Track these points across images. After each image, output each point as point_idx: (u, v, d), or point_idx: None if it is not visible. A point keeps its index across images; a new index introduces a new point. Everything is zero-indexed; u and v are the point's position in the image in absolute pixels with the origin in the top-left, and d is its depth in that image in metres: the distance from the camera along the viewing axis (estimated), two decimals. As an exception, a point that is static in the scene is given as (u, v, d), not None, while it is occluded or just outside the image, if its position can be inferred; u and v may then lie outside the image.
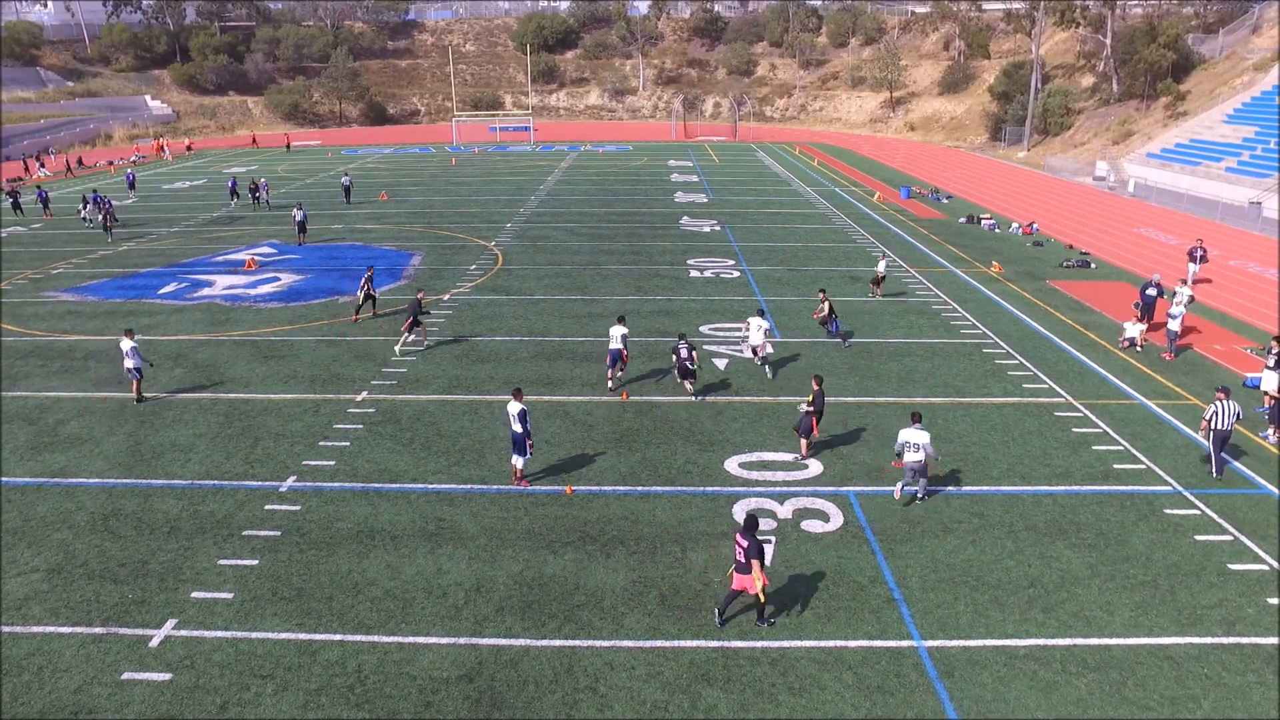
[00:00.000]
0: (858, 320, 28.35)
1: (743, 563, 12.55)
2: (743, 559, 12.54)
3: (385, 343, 26.14)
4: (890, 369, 23.84)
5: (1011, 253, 39.05)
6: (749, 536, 12.51)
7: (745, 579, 12.61)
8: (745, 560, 12.50)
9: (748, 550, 12.46)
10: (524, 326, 27.71)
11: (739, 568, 12.64)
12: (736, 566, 12.69)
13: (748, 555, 12.47)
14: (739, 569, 12.65)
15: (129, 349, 21.64)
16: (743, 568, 12.57)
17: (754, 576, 12.48)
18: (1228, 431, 17.42)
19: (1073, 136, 78.21)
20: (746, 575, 12.56)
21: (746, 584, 12.63)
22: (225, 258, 38.36)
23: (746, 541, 12.47)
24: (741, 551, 12.54)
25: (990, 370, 23.81)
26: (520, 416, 16.65)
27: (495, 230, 43.64)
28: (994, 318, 28.76)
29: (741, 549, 12.54)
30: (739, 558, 12.59)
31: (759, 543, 12.52)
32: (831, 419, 20.38)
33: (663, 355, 24.87)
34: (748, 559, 12.48)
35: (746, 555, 12.48)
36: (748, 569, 12.51)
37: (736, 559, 12.66)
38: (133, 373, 21.83)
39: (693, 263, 36.29)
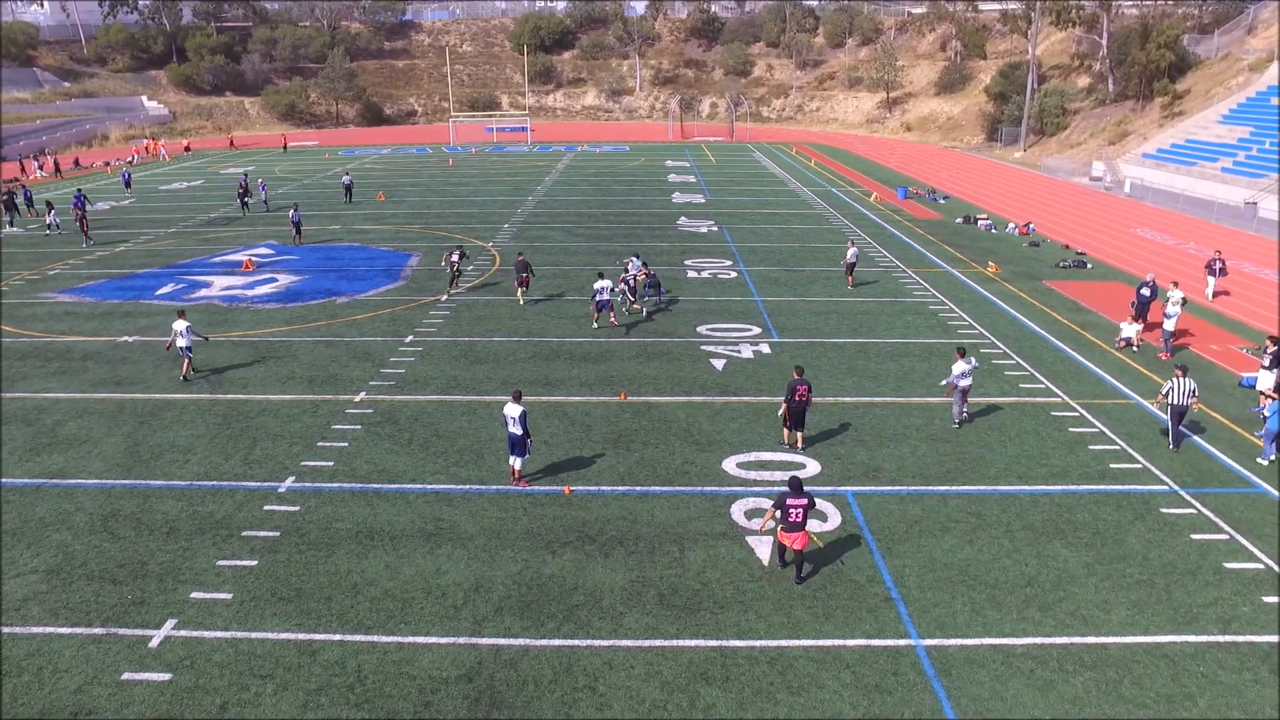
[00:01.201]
0: (855, 320, 28.43)
1: (798, 522, 13.76)
2: (799, 519, 13.76)
3: (384, 344, 26.18)
4: (888, 369, 23.90)
5: (1008, 253, 39.14)
6: (804, 495, 13.84)
7: (796, 536, 13.83)
8: (802, 520, 13.78)
9: (806, 509, 13.80)
10: (521, 327, 27.75)
11: (790, 527, 13.81)
12: (787, 526, 13.83)
13: (805, 514, 13.79)
14: (789, 528, 13.82)
15: (182, 329, 22.83)
16: (795, 526, 13.78)
17: (807, 532, 13.93)
18: (1183, 406, 18.68)
19: (1069, 137, 78.39)
20: (798, 533, 13.81)
21: (797, 540, 13.84)
22: (223, 258, 38.36)
23: (803, 500, 13.78)
24: (799, 512, 13.75)
25: (987, 370, 23.87)
26: (520, 419, 16.74)
27: (493, 230, 43.67)
28: (991, 318, 28.84)
29: (799, 509, 13.74)
30: (795, 519, 13.75)
31: (812, 498, 14.01)
32: (829, 419, 20.46)
33: (659, 355, 24.92)
34: (805, 518, 13.80)
35: (804, 514, 13.78)
36: (801, 526, 13.79)
37: (790, 520, 13.76)
38: (184, 352, 23.07)
39: (690, 263, 36.35)
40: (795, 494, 13.78)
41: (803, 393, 18.25)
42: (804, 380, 18.44)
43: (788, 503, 13.74)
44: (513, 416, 16.82)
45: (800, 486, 13.93)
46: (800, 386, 18.27)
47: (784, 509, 13.78)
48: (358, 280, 34.03)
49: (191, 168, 74.45)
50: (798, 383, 18.28)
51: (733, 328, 27.50)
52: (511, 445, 17.19)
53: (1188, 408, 18.80)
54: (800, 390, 18.24)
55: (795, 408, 18.44)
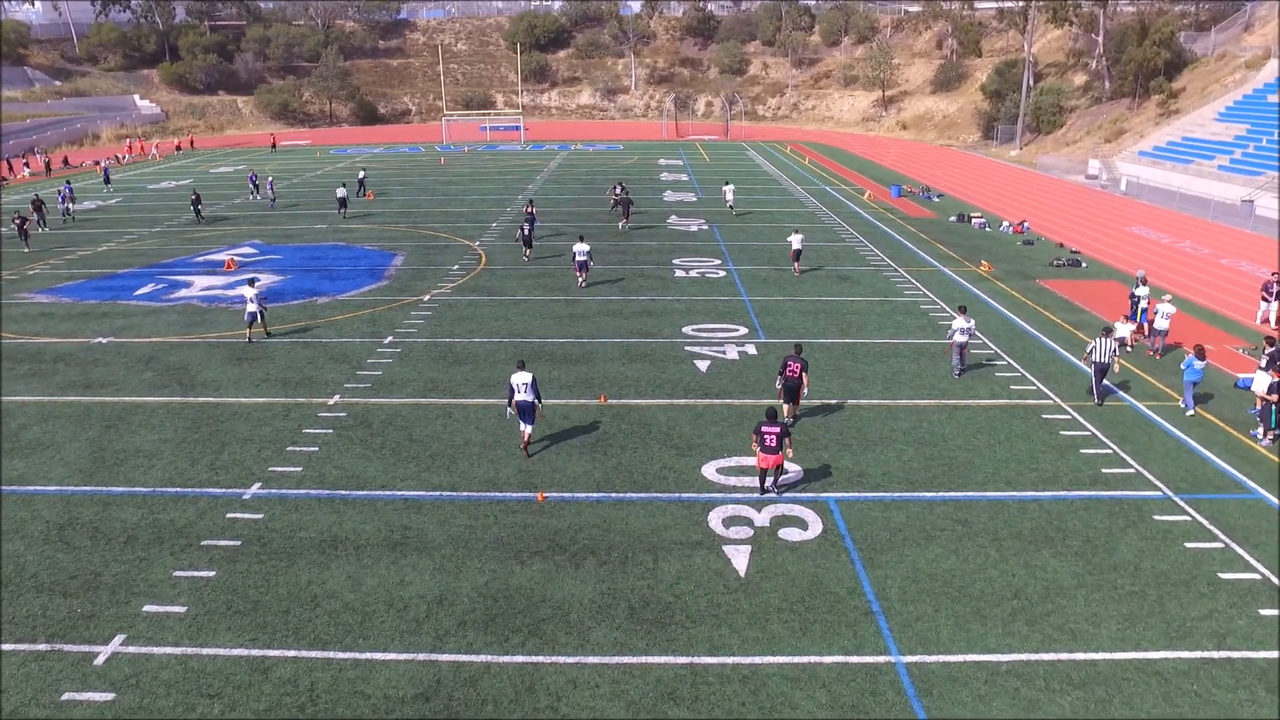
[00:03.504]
0: (844, 320, 27.88)
1: (772, 446, 15.70)
2: (773, 443, 15.69)
3: (362, 345, 25.61)
4: (876, 371, 23.35)
5: (1001, 251, 38.62)
6: (776, 423, 15.76)
7: (773, 458, 15.87)
8: (776, 444, 15.69)
9: (779, 435, 15.70)
10: (504, 327, 27.19)
11: (766, 450, 15.78)
12: (764, 449, 15.79)
13: (779, 439, 15.69)
14: (767, 450, 15.79)
15: (252, 295, 25.43)
16: (770, 450, 15.75)
17: (785, 453, 15.94)
18: (1106, 364, 20.71)
19: (1065, 135, 77.90)
20: (774, 455, 15.82)
21: (773, 461, 15.94)
22: (206, 258, 37.79)
23: (777, 428, 15.70)
24: (774, 437, 15.67)
25: (979, 372, 23.33)
26: (531, 385, 17.62)
27: (480, 230, 43.11)
28: (983, 317, 28.29)
29: (773, 435, 15.66)
30: (769, 443, 15.70)
31: (786, 426, 16.08)
32: (814, 422, 19.92)
33: (641, 357, 24.37)
34: (779, 442, 15.70)
35: (778, 439, 15.68)
36: (776, 450, 15.76)
37: (766, 445, 15.72)
38: (251, 316, 25.53)
39: (678, 262, 35.80)
40: (769, 422, 15.79)
41: (794, 369, 18.90)
42: (799, 358, 19.08)
43: (763, 429, 15.74)
44: (524, 383, 17.57)
45: (775, 416, 16.02)
46: (792, 363, 18.95)
47: (760, 435, 15.75)
48: (340, 280, 33.46)
49: (181, 167, 73.86)
50: (791, 359, 19.03)
51: (719, 328, 26.96)
52: (521, 412, 17.83)
53: (1109, 365, 20.71)
54: (791, 367, 18.93)
55: (788, 384, 19.04)
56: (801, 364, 19.04)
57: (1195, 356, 20.33)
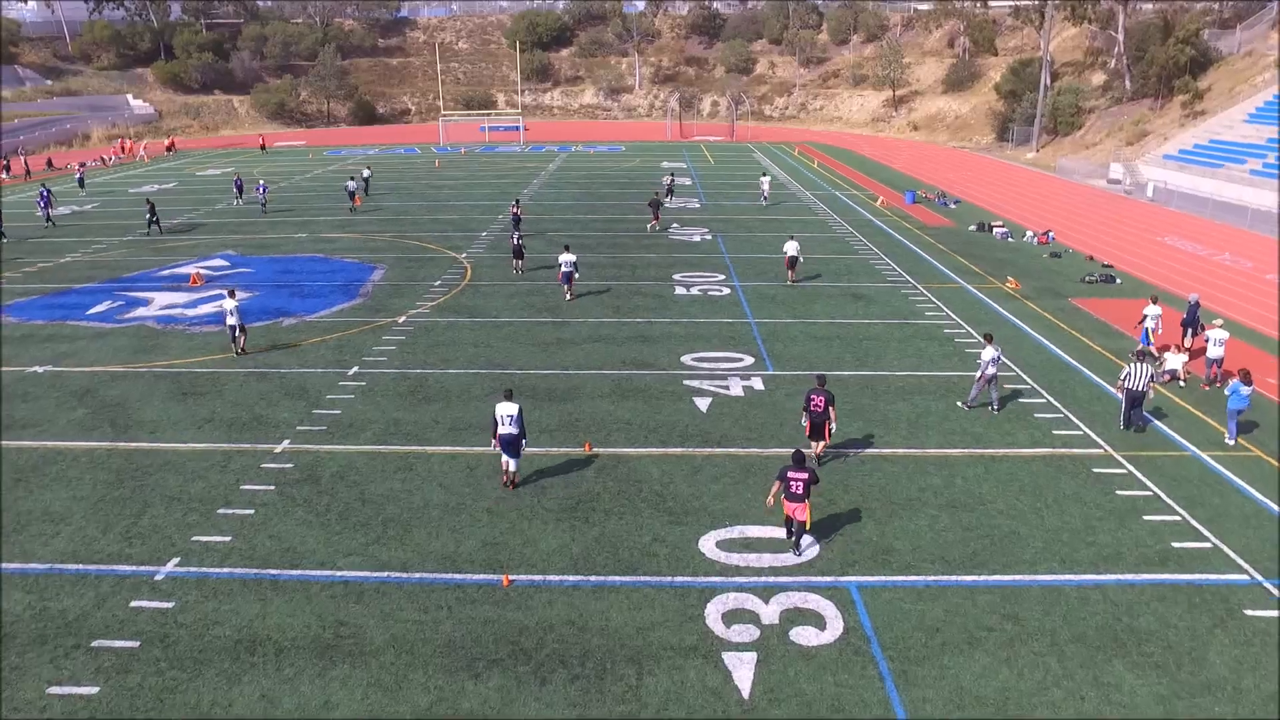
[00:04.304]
0: (861, 348, 25.16)
1: (799, 494, 14.05)
2: (799, 490, 14.04)
3: (323, 377, 22.97)
4: (899, 411, 20.63)
5: (1028, 265, 35.85)
6: (804, 469, 14.08)
7: (797, 506, 14.16)
8: (803, 492, 14.04)
9: (807, 482, 14.04)
10: (483, 356, 24.52)
11: (792, 497, 14.13)
12: (789, 496, 14.14)
13: (806, 486, 14.05)
14: (792, 498, 14.13)
15: (232, 308, 24.08)
16: (796, 497, 14.09)
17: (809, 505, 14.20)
18: (1141, 392, 19.17)
19: (1083, 137, 75.00)
20: (801, 503, 14.11)
21: (801, 511, 14.20)
22: (172, 271, 35.21)
23: (805, 474, 14.04)
24: (801, 485, 14.03)
25: (1015, 411, 20.61)
26: (517, 417, 16.24)
27: (468, 240, 40.47)
28: (1014, 344, 25.57)
29: (800, 482, 14.03)
30: (795, 490, 14.04)
31: (815, 472, 14.24)
32: (831, 478, 17.22)
33: (634, 393, 21.69)
34: (806, 490, 14.05)
35: (805, 487, 14.04)
36: (803, 498, 14.07)
37: (791, 492, 14.08)
38: (233, 330, 24.17)
39: (679, 278, 33.12)
40: (796, 468, 14.12)
41: (817, 403, 17.27)
42: (823, 390, 17.45)
43: (789, 475, 14.10)
44: (508, 415, 16.21)
45: (803, 460, 14.25)
46: (816, 397, 17.33)
47: (786, 481, 14.11)
48: (311, 298, 30.85)
49: (168, 169, 71.36)
50: (815, 392, 17.41)
51: (722, 357, 24.26)
52: (505, 446, 16.43)
53: (1145, 393, 19.18)
54: (815, 401, 17.29)
55: (813, 419, 17.41)
56: (826, 396, 17.27)
57: (1241, 382, 18.51)
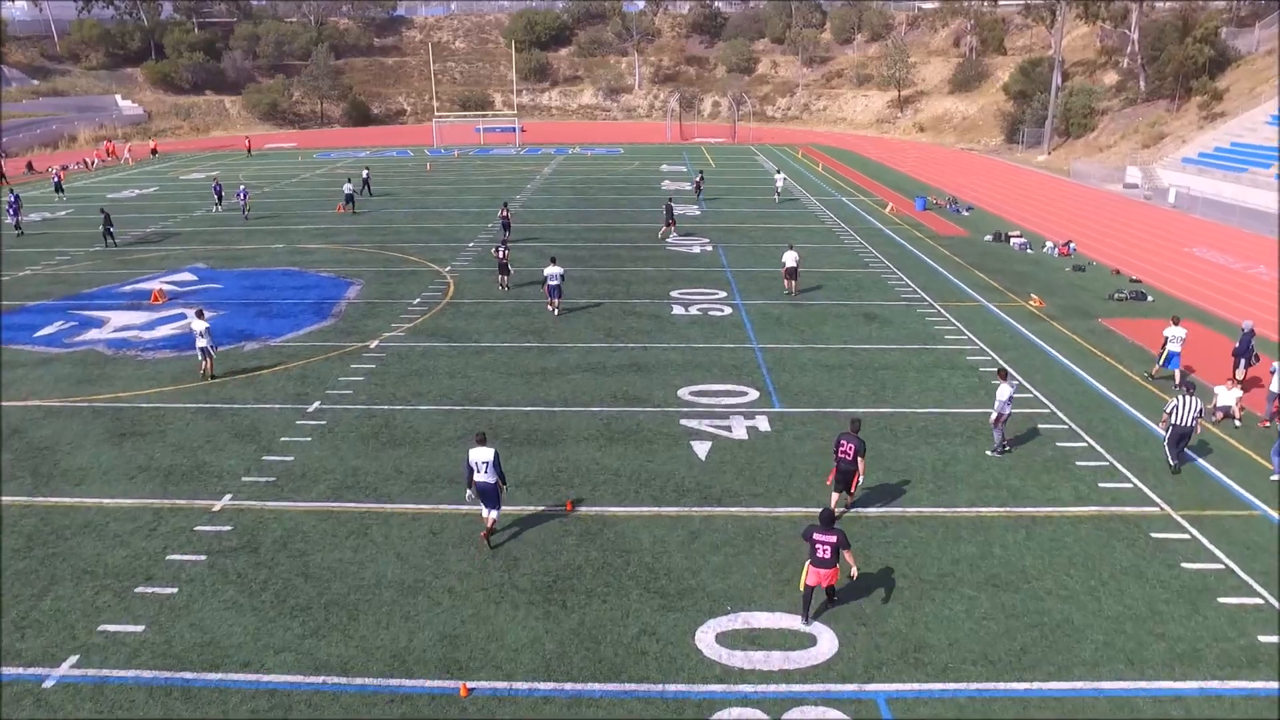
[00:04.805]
0: (877, 379, 22.80)
1: (826, 559, 12.44)
2: (828, 555, 12.43)
3: (280, 414, 20.64)
4: (923, 459, 18.27)
5: (1050, 280, 33.50)
6: (833, 530, 12.55)
7: (826, 573, 12.54)
8: (831, 556, 12.45)
9: (835, 545, 12.45)
10: (458, 389, 22.17)
11: (819, 563, 12.49)
12: (815, 562, 12.51)
13: (835, 550, 12.45)
14: (819, 564, 12.50)
15: (202, 329, 22.34)
16: (824, 563, 12.46)
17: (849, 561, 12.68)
18: (1188, 429, 17.43)
19: (1096, 139, 72.64)
20: (828, 570, 12.51)
21: (826, 579, 12.59)
22: (135, 286, 32.88)
23: (833, 536, 12.49)
24: (828, 548, 12.44)
25: (1052, 459, 18.26)
26: (493, 463, 14.54)
27: (454, 251, 38.12)
28: (1044, 373, 23.23)
29: (828, 545, 12.45)
30: (822, 555, 12.45)
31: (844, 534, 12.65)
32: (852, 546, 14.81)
33: (625, 435, 19.36)
34: (834, 554, 12.45)
35: (834, 551, 12.44)
36: (831, 564, 12.48)
37: (818, 555, 12.46)
38: (204, 353, 22.54)
39: (677, 295, 30.77)
40: (824, 529, 12.57)
41: (847, 450, 15.38)
42: (855, 436, 15.48)
43: (815, 538, 12.53)
44: (483, 461, 14.51)
45: (832, 520, 12.72)
46: (846, 443, 15.43)
47: (811, 544, 12.54)
48: (279, 318, 28.53)
49: (151, 172, 69.07)
50: (846, 437, 15.51)
51: (724, 391, 21.91)
52: (483, 496, 14.74)
53: (1193, 430, 17.47)
54: (845, 447, 15.40)
55: (841, 467, 15.49)
56: (857, 444, 15.37)
57: None
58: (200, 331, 22.50)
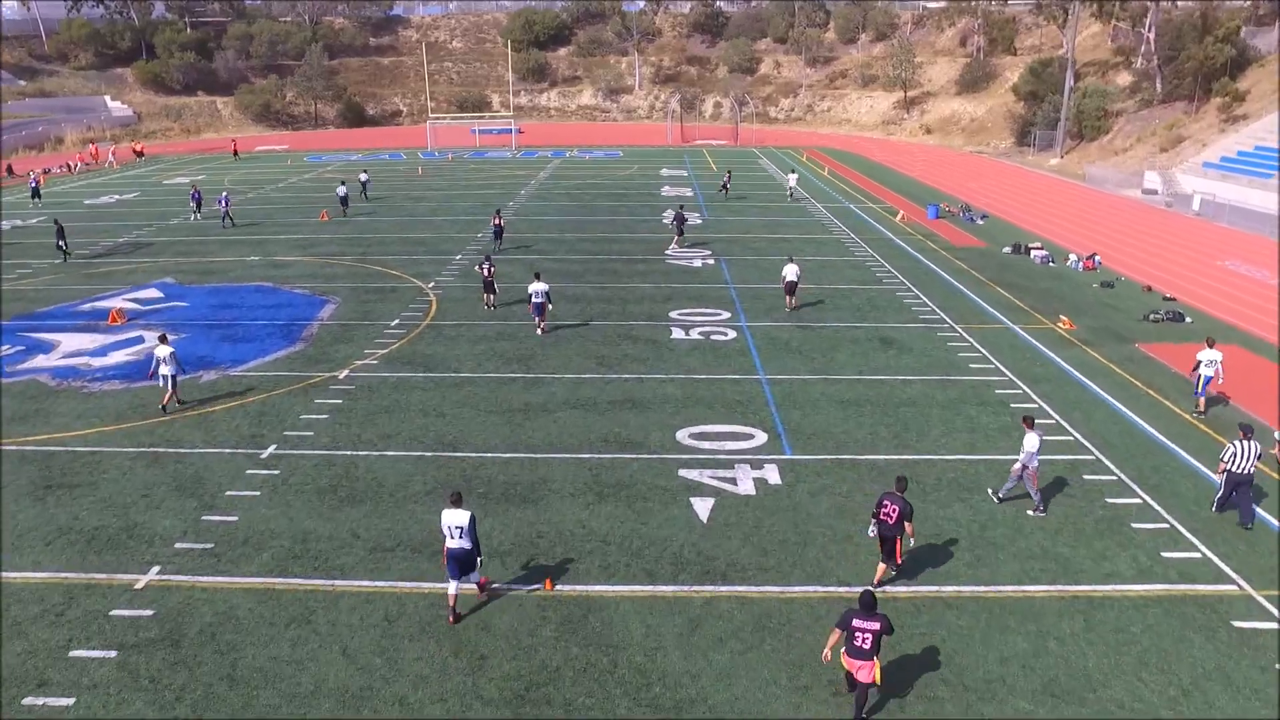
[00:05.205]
0: (897, 417, 20.48)
1: (865, 649, 10.77)
2: (867, 645, 10.77)
3: (230, 461, 18.36)
4: (956, 520, 15.96)
5: (1077, 298, 31.18)
6: (876, 616, 10.80)
7: (863, 665, 10.78)
8: (872, 647, 10.76)
9: (878, 634, 10.78)
10: (431, 430, 19.86)
11: (856, 653, 10.81)
12: (852, 651, 10.83)
13: (877, 640, 10.79)
14: (855, 654, 10.82)
15: (166, 355, 20.59)
16: (863, 654, 10.77)
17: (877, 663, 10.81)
18: (1247, 476, 15.66)
19: (1111, 142, 70.28)
20: (866, 662, 10.76)
21: (864, 670, 10.79)
22: (94, 304, 30.60)
23: (876, 623, 10.76)
24: (870, 638, 10.76)
25: (1104, 520, 15.96)
26: (469, 528, 12.84)
27: (440, 264, 35.82)
28: (1083, 410, 20.93)
29: (869, 635, 10.74)
30: (862, 644, 10.76)
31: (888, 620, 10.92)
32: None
33: (617, 489, 17.05)
34: (876, 645, 10.79)
35: (875, 641, 10.79)
36: (870, 655, 10.77)
37: (858, 645, 10.78)
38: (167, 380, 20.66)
39: (677, 315, 28.48)
40: (865, 614, 10.85)
41: (890, 511, 13.52)
42: (899, 497, 13.59)
43: (855, 625, 10.82)
44: (457, 526, 12.84)
45: (873, 605, 10.90)
46: (890, 503, 13.57)
47: (850, 631, 10.83)
48: (244, 342, 26.26)
49: (134, 177, 66.84)
50: (890, 497, 13.65)
51: (727, 433, 19.60)
52: (455, 562, 12.93)
53: (1250, 477, 15.76)
54: (888, 508, 13.55)
55: (884, 532, 13.67)
56: (902, 506, 13.50)
57: None
58: (163, 358, 20.72)
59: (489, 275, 28.60)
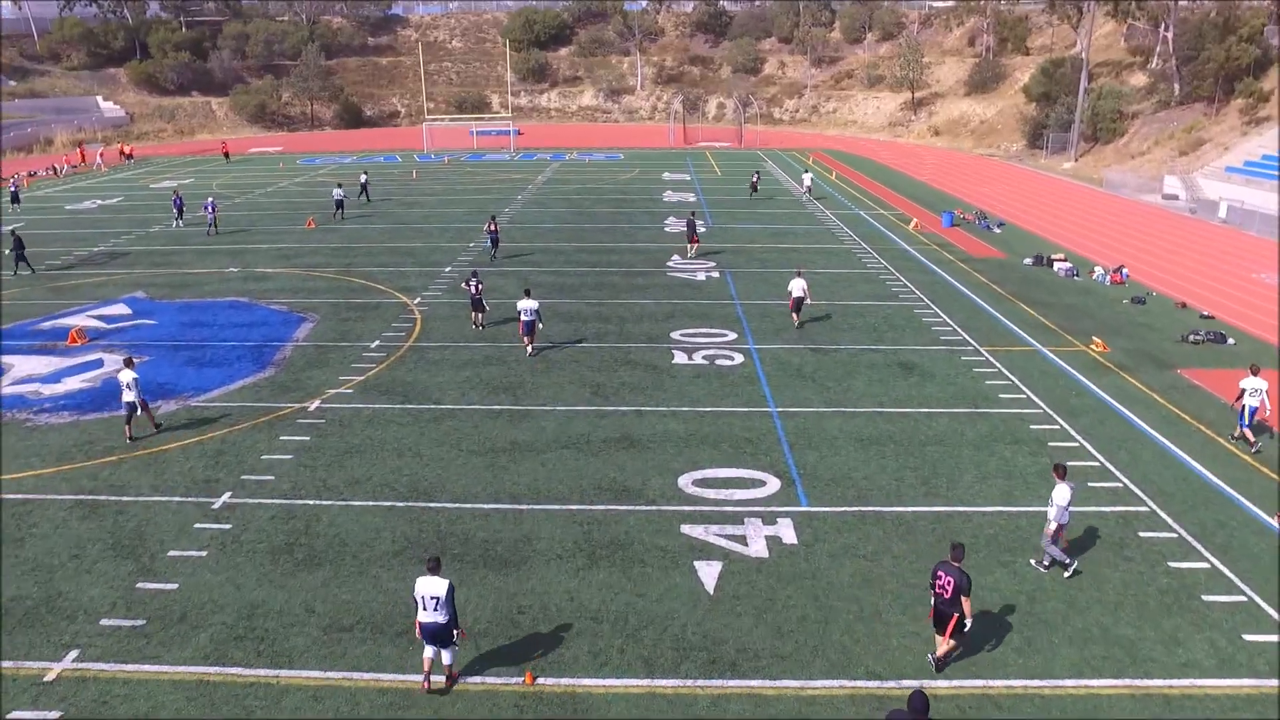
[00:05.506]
0: (924, 458, 18.42)
1: None
2: None
3: (178, 511, 16.34)
4: (1000, 590, 13.89)
5: (1108, 316, 29.12)
6: None
7: None
8: None
9: None
10: (405, 474, 17.81)
11: None
12: None
13: None
14: None
15: (130, 380, 19.03)
16: None
17: None
18: None
19: (1127, 145, 68.15)
20: None
21: None
22: (56, 322, 28.61)
23: None
24: None
25: (1170, 590, 13.89)
26: (446, 599, 11.36)
27: (429, 277, 33.79)
28: (1129, 450, 18.87)
29: None
30: None
31: None
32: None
33: (610, 550, 15.01)
34: None
35: None
36: None
37: None
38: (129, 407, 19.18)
39: (679, 336, 26.44)
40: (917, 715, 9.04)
41: (945, 584, 11.88)
42: (953, 567, 11.91)
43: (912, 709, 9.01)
44: (433, 597, 11.34)
45: (926, 707, 9.02)
46: (944, 575, 11.93)
47: None
48: (211, 367, 24.26)
49: (121, 180, 64.87)
50: (944, 567, 12.00)
51: (734, 478, 17.55)
52: (430, 636, 11.48)
53: None
54: (943, 581, 11.91)
55: (939, 608, 11.97)
56: (958, 578, 11.79)
57: None
58: (127, 383, 19.19)
59: (477, 293, 26.59)
